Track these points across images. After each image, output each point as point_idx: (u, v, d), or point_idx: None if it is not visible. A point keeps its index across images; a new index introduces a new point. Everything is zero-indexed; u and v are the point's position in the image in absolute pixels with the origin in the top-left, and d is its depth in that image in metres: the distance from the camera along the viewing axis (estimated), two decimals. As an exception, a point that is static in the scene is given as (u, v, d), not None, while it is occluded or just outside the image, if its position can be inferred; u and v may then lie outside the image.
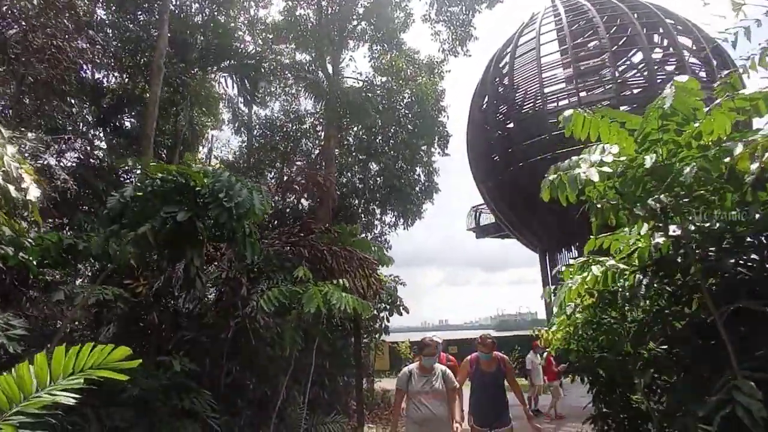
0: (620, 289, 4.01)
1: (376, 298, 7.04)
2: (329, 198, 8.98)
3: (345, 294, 5.36)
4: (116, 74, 12.63)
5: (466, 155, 17.44)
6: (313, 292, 5.01)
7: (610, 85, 12.66)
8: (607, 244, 3.74)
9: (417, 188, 18.79)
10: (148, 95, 8.64)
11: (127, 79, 11.90)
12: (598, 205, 3.06)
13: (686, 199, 2.92)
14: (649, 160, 2.50)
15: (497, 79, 15.02)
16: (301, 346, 6.02)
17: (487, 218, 20.39)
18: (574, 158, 3.19)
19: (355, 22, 16.93)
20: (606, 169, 2.92)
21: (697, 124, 2.79)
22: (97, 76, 12.37)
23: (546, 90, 13.07)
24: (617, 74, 13.14)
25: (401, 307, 11.45)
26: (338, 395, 9.56)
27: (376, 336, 11.59)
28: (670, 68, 13.36)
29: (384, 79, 17.46)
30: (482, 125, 15.48)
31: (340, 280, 5.66)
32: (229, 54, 10.70)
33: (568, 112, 2.94)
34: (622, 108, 12.82)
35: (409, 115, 18.06)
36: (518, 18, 18.07)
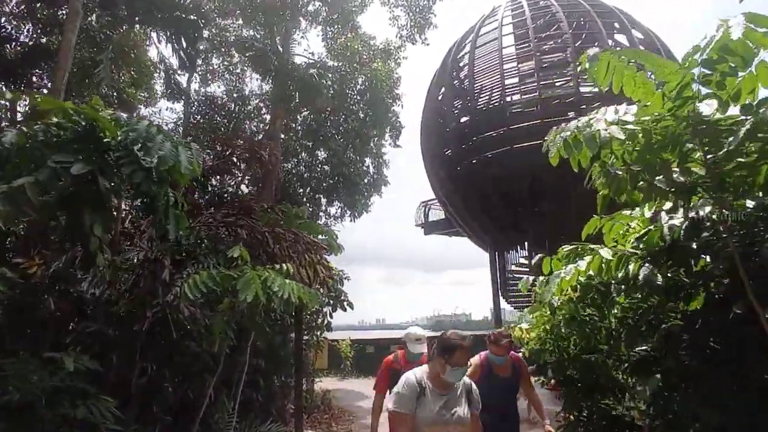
0: (612, 281, 3.54)
1: (323, 288, 6.28)
2: (273, 178, 8.02)
3: (289, 281, 4.57)
4: (29, 26, 10.98)
5: (419, 147, 17.00)
6: (251, 277, 4.19)
7: (571, 82, 12.64)
8: (607, 227, 3.23)
9: (365, 180, 18.17)
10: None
11: (39, 31, 10.31)
12: (618, 173, 2.49)
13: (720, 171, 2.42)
14: (707, 107, 1.94)
15: (456, 70, 14.65)
16: (232, 342, 5.16)
17: (436, 214, 20.11)
18: (584, 118, 2.61)
19: (307, -1, 15.99)
20: (631, 127, 2.37)
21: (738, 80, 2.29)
22: (6, 27, 10.73)
23: (507, 82, 12.80)
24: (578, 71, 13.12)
25: (345, 302, 10.74)
26: (274, 398, 8.71)
27: (318, 333, 10.81)
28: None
29: (337, 63, 16.66)
30: (438, 116, 15.06)
31: (283, 265, 4.87)
32: (165, 6, 9.43)
33: (593, 50, 2.34)
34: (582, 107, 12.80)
35: (362, 103, 17.38)
36: (479, 10, 17.88)
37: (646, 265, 2.97)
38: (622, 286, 3.40)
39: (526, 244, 15.46)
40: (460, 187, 14.27)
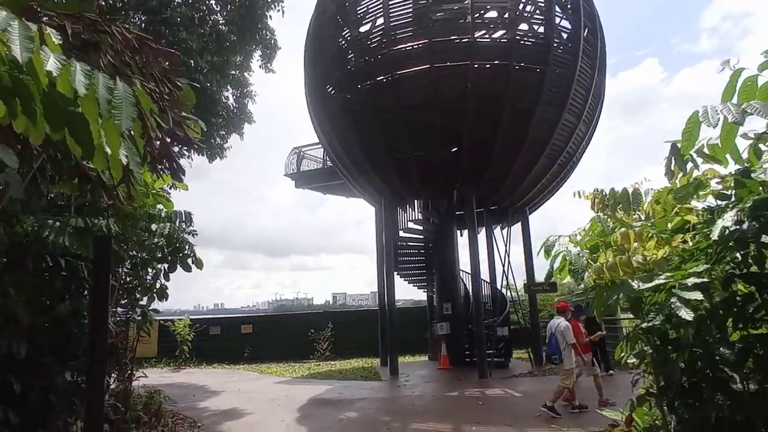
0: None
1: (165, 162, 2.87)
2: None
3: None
4: None
5: (300, 74, 13.58)
6: None
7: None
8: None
9: (224, 112, 14.23)
10: None
11: None
12: None
13: None
14: None
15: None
16: None
17: (310, 164, 16.88)
18: None
19: None
20: None
21: None
22: None
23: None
24: None
25: (192, 258, 7.23)
26: (51, 412, 4.92)
27: (144, 301, 7.05)
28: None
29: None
30: (334, 26, 11.80)
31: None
32: None
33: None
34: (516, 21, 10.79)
35: (226, 8, 13.39)
36: None
37: None
38: None
39: (425, 201, 13.25)
40: (353, 121, 11.33)
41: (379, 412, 7.63)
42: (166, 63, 2.57)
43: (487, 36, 11.01)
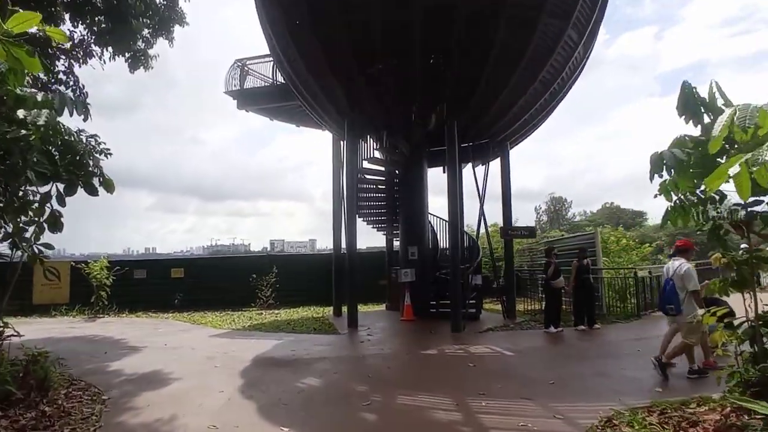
0: None
1: None
2: None
3: None
4: None
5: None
6: None
7: None
8: None
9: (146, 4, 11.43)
10: None
11: None
12: None
13: None
14: None
15: None
16: None
17: (257, 82, 14.42)
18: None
19: None
20: None
21: None
22: None
23: None
24: None
25: (99, 178, 5.38)
26: None
27: (31, 230, 5.03)
28: None
29: None
30: None
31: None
32: None
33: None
34: None
35: None
36: None
37: None
38: None
39: (395, 129, 11.41)
40: (316, 21, 9.10)
41: (348, 378, 6.10)
42: None
43: None
